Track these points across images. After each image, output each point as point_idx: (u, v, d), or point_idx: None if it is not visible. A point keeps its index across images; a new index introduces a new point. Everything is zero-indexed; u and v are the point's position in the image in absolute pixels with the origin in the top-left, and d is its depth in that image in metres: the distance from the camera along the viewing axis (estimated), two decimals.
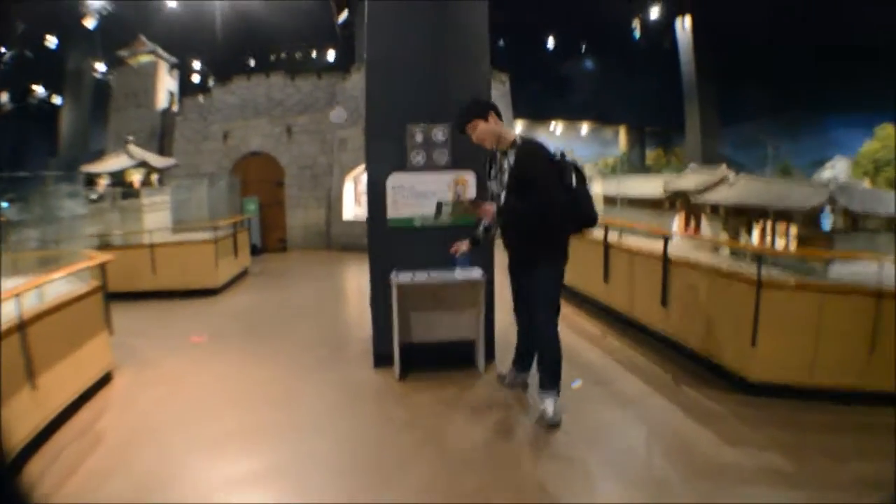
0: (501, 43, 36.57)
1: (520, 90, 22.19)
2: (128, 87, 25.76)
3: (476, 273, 6.39)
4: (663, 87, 41.18)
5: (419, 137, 6.63)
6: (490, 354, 6.92)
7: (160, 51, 26.28)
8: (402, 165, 6.64)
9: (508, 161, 5.22)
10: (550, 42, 41.00)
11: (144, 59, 26.13)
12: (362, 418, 5.71)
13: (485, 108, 5.35)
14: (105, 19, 28.51)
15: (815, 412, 5.67)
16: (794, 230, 11.02)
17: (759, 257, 6.26)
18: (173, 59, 26.92)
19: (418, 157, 6.64)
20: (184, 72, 29.52)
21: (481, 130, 5.31)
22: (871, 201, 13.19)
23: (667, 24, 38.89)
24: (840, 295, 5.85)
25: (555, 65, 42.42)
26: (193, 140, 20.00)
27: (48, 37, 32.29)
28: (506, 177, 5.24)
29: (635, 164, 43.82)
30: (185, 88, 27.49)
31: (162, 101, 25.47)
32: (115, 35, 27.50)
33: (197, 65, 33.99)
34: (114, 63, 27.94)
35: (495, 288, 6.84)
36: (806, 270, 10.05)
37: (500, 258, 6.18)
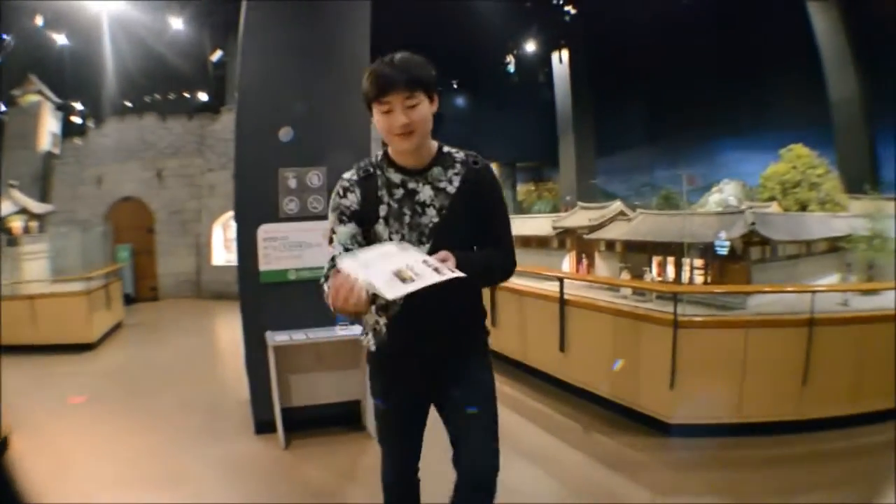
0: None
1: None
2: (17, 127, 24.56)
3: (358, 330, 5.92)
4: (537, 121, 41.99)
5: (293, 182, 6.10)
6: None
7: (46, 90, 25.20)
8: (275, 213, 6.11)
9: (436, 186, 2.86)
10: None
11: (32, 98, 25.02)
12: (249, 498, 5.19)
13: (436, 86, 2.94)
14: (5, 57, 27.27)
15: (747, 448, 5.53)
16: (699, 263, 11.03)
17: (674, 296, 6.17)
18: (58, 100, 25.85)
19: (291, 205, 6.10)
20: (67, 112, 28.44)
21: (423, 114, 2.77)
22: (792, 227, 13.35)
23: (543, 57, 39.57)
24: (767, 328, 5.86)
25: None
26: (71, 184, 19.14)
27: None
28: (428, 212, 2.87)
29: (507, 201, 44.78)
30: (67, 130, 26.44)
31: (45, 143, 24.40)
32: (14, 74, 26.34)
33: (79, 105, 32.80)
34: (8, 103, 26.80)
35: None
36: (723, 305, 9.98)
37: None
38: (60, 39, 27.12)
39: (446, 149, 2.93)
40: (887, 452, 5.42)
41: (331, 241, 2.98)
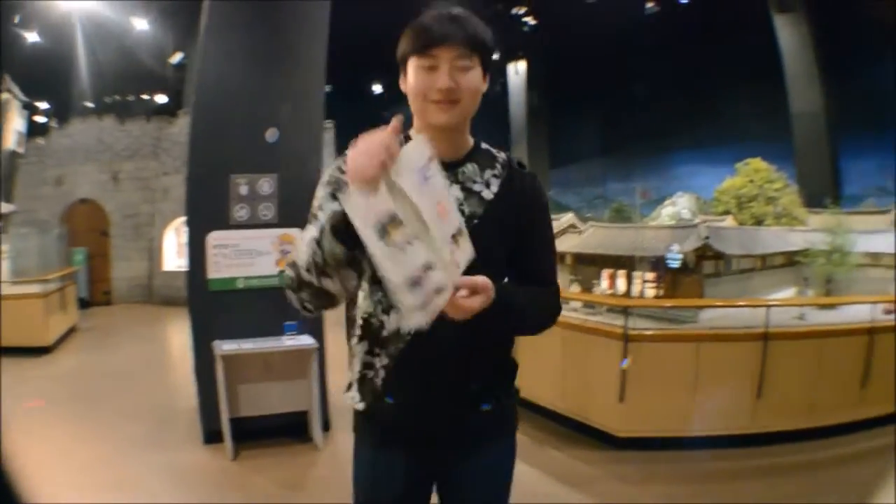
0: (328, 89, 36.48)
1: (343, 138, 21.79)
2: None
3: (306, 340, 5.90)
4: (490, 132, 42.38)
5: (243, 189, 6.00)
6: (326, 425, 6.45)
7: (15, 88, 24.82)
8: (225, 220, 6.01)
9: (468, 187, 2.10)
10: (378, 89, 41.28)
11: (4, 96, 24.69)
12: None
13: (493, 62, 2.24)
14: None
15: (702, 461, 5.55)
16: (650, 276, 11.10)
17: (625, 309, 6.20)
18: (25, 98, 25.47)
19: (242, 212, 6.00)
20: (32, 111, 28.02)
21: (475, 82, 2.04)
22: (746, 241, 13.49)
23: (499, 68, 39.73)
24: (719, 341, 5.89)
25: (381, 112, 43.21)
26: (33, 184, 18.84)
27: None
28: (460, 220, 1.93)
29: None
30: (31, 129, 26.08)
31: (10, 142, 24.06)
32: None
33: (44, 104, 32.32)
34: None
35: (328, 355, 6.39)
36: (675, 319, 10.01)
37: (331, 321, 5.79)
38: (32, 37, 26.81)
39: (484, 145, 2.21)
40: (844, 466, 5.48)
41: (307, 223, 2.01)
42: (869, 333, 6.05)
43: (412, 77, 2.00)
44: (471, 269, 1.80)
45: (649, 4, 30.63)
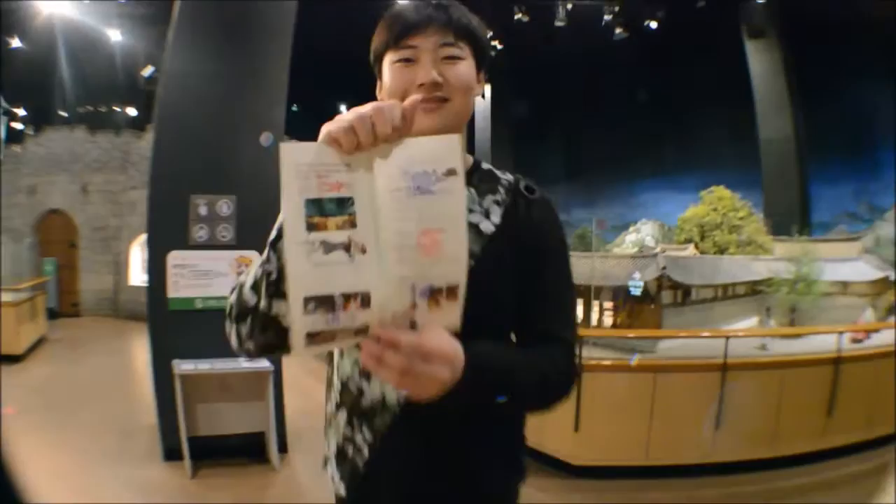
0: (295, 108, 36.44)
1: None
2: None
3: (262, 363, 5.88)
4: None
5: (203, 210, 6.00)
6: (283, 447, 6.44)
7: None
8: (185, 240, 6.02)
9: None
10: (345, 109, 41.46)
11: None
12: None
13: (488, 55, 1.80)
14: None
15: (658, 490, 5.59)
16: (609, 304, 11.16)
17: (580, 338, 5.98)
18: (5, 104, 25.26)
19: (201, 232, 6.00)
20: (11, 118, 27.75)
21: (465, 75, 1.64)
22: (707, 271, 13.56)
23: None
24: (677, 372, 5.92)
25: None
26: (7, 192, 18.58)
27: None
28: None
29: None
30: (9, 136, 25.81)
31: None
32: None
33: (22, 111, 31.99)
34: None
35: (284, 377, 6.43)
36: (633, 348, 9.99)
37: None
38: (14, 43, 26.59)
39: (486, 165, 1.79)
40: (807, 495, 5.53)
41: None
42: (835, 363, 6.07)
43: (388, 77, 1.62)
44: (468, 326, 1.33)
45: (618, 31, 30.65)
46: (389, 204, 1.26)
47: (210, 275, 6.00)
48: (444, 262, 1.27)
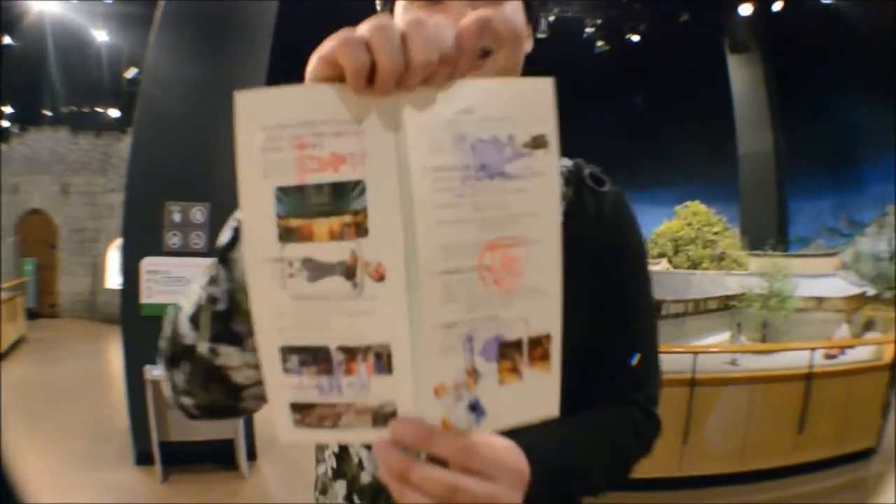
0: None
1: None
2: None
3: None
4: None
5: (177, 217, 6.03)
6: (253, 455, 6.46)
7: None
8: (159, 246, 6.04)
9: None
10: None
11: None
12: None
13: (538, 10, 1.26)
14: None
15: (623, 502, 5.50)
16: None
17: None
18: None
19: (175, 239, 6.03)
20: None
21: (514, 22, 1.13)
22: (678, 285, 13.61)
23: None
24: None
25: None
26: None
27: None
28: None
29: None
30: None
31: None
32: None
33: (9, 109, 31.68)
34: None
35: None
36: None
37: None
38: (6, 40, 26.41)
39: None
40: None
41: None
42: (807, 379, 6.09)
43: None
44: None
45: (599, 43, 30.64)
46: (430, 195, 0.73)
47: (182, 281, 6.02)
48: (524, 297, 0.77)
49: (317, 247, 0.73)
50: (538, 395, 0.79)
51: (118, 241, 17.43)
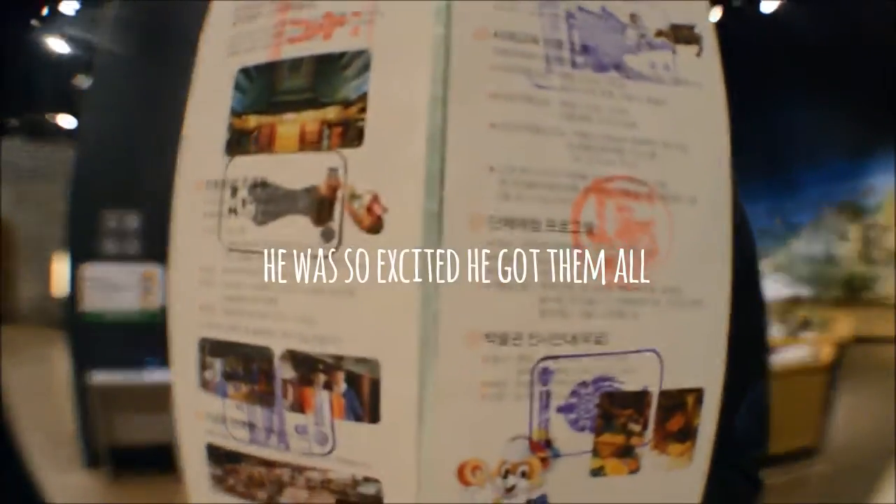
0: None
1: None
2: None
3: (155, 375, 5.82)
4: None
5: (113, 223, 6.01)
6: None
7: None
8: (98, 253, 6.01)
9: None
10: None
11: None
12: None
13: None
14: None
15: None
16: None
17: None
18: None
19: (110, 245, 5.99)
20: None
21: None
22: None
23: None
24: None
25: None
26: None
27: None
28: None
29: None
30: None
31: None
32: None
33: None
34: None
35: None
36: None
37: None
38: None
39: None
40: None
41: None
42: None
43: None
44: None
45: None
46: (484, 76, 0.42)
47: (118, 288, 5.98)
48: (659, 305, 0.44)
49: (278, 161, 0.44)
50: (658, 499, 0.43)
51: (62, 249, 17.36)
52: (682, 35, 0.47)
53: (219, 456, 0.45)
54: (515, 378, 0.39)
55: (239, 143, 0.44)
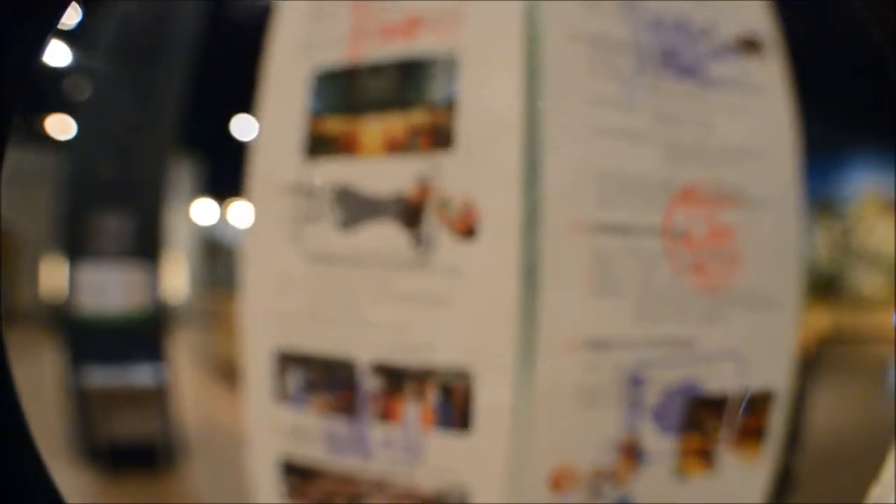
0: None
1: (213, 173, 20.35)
2: None
3: (145, 375, 5.93)
4: None
5: (98, 224, 5.98)
6: (177, 456, 6.28)
7: None
8: (90, 253, 5.99)
9: None
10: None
11: None
12: None
13: None
14: None
15: None
16: None
17: None
18: None
19: (102, 246, 5.96)
20: None
21: None
22: None
23: None
24: None
25: None
26: None
27: None
28: None
29: None
30: None
31: None
32: None
33: None
34: None
35: (183, 382, 6.49)
36: None
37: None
38: None
39: None
40: None
41: None
42: None
43: None
44: None
45: None
46: (581, 80, 0.37)
47: (110, 288, 5.98)
48: (743, 308, 0.39)
49: (363, 166, 0.35)
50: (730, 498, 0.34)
51: (51, 250, 17.29)
52: (749, 43, 0.45)
53: (294, 470, 0.42)
54: (609, 383, 0.41)
55: (318, 145, 0.42)
